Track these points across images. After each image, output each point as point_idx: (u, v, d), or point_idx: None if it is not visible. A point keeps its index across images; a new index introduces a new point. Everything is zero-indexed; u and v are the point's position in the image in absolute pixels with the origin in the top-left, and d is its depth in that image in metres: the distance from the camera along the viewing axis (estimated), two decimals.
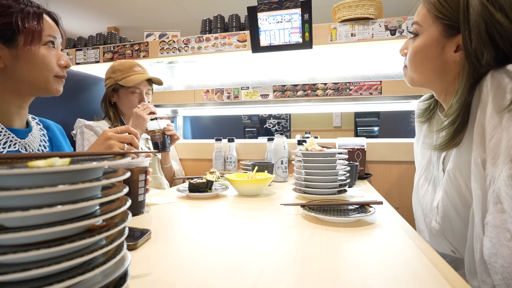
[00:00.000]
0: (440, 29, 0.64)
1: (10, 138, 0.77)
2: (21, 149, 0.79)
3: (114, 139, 0.83)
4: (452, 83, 0.66)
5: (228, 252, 0.49)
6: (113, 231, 0.30)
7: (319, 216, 0.66)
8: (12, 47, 0.72)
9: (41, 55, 0.76)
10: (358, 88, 1.54)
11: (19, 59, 0.73)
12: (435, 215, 0.70)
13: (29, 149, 0.81)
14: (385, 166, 1.47)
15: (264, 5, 1.48)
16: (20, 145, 0.79)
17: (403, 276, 0.41)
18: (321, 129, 4.13)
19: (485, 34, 0.56)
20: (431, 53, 0.66)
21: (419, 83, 0.73)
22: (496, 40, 0.56)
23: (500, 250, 0.49)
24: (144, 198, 0.77)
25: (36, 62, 0.75)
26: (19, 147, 0.79)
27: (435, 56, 0.66)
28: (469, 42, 0.58)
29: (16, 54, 0.73)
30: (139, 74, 1.33)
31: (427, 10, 0.65)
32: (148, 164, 0.78)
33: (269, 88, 1.69)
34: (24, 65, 0.74)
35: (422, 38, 0.67)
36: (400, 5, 3.24)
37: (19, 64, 0.74)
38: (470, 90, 0.59)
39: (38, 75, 0.77)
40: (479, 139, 0.55)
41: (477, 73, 0.58)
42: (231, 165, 1.57)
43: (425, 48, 0.67)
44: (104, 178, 0.32)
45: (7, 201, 0.26)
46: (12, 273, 0.24)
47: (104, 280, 0.30)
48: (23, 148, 0.80)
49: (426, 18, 0.66)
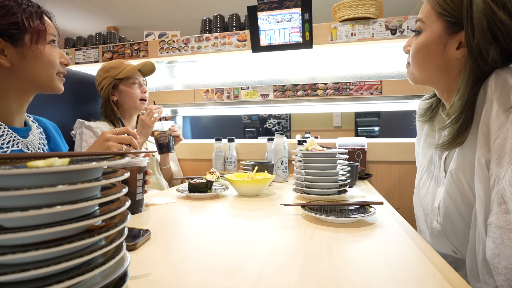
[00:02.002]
0: (443, 26, 0.64)
1: (12, 138, 0.78)
2: (23, 148, 0.80)
3: (113, 141, 0.83)
4: (455, 80, 0.66)
5: (228, 253, 0.49)
6: (113, 231, 0.30)
7: (319, 216, 0.66)
8: (18, 46, 0.73)
9: (46, 53, 0.77)
10: (358, 88, 1.54)
11: (26, 58, 0.75)
12: (437, 215, 0.70)
13: (31, 148, 0.82)
14: (385, 166, 1.46)
15: (264, 5, 1.48)
16: (23, 144, 0.80)
17: (403, 276, 0.40)
18: (321, 129, 4.13)
19: (488, 31, 0.56)
20: (433, 50, 0.66)
21: (421, 80, 0.72)
22: (498, 38, 0.56)
23: (503, 251, 0.49)
24: (142, 197, 0.78)
25: (42, 60, 0.77)
26: (21, 146, 0.79)
27: (438, 53, 0.66)
28: (472, 39, 0.58)
29: (23, 53, 0.74)
30: (132, 65, 1.34)
31: (431, 7, 0.66)
32: (146, 164, 0.78)
33: (269, 88, 1.69)
34: (30, 64, 0.76)
35: (425, 35, 0.67)
36: (400, 4, 3.23)
37: (25, 63, 0.75)
38: (473, 87, 0.59)
39: (43, 73, 0.78)
40: (483, 139, 0.55)
41: (481, 70, 0.58)
42: (231, 165, 1.56)
43: (427, 44, 0.67)
44: (103, 178, 0.31)
45: (6, 201, 0.26)
46: (11, 273, 0.23)
47: (103, 280, 0.30)
48: (26, 147, 0.80)
49: (430, 15, 0.66)
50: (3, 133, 0.76)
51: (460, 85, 0.61)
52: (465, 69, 0.60)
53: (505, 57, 0.57)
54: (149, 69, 1.40)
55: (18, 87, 0.78)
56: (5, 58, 0.73)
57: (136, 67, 1.33)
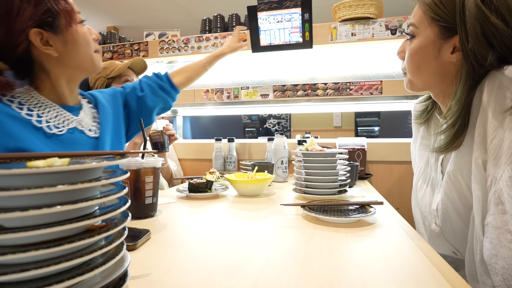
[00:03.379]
0: (436, 31, 0.63)
1: (67, 117, 0.79)
2: (77, 126, 0.81)
3: None
4: (450, 84, 0.65)
5: (228, 253, 0.49)
6: (113, 231, 0.30)
7: (319, 216, 0.66)
8: (58, 33, 0.73)
9: (81, 33, 0.78)
10: (358, 88, 1.54)
11: (67, 43, 0.75)
12: (435, 218, 0.69)
13: (84, 125, 0.83)
14: (385, 166, 1.46)
15: (264, 5, 1.48)
16: (77, 122, 0.81)
17: (403, 276, 0.40)
18: (321, 129, 4.13)
19: (482, 37, 0.56)
20: (427, 55, 0.65)
21: (418, 86, 0.72)
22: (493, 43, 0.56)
23: (500, 251, 0.49)
24: (154, 201, 0.74)
25: (81, 42, 0.77)
26: (75, 124, 0.80)
27: (432, 57, 0.65)
28: (466, 43, 0.58)
29: (64, 39, 0.74)
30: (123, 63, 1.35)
31: (423, 11, 0.65)
32: (160, 165, 0.75)
33: (269, 88, 1.69)
34: (72, 48, 0.76)
35: (418, 40, 0.67)
36: (400, 4, 3.23)
37: (68, 48, 0.75)
38: (470, 91, 0.58)
39: (84, 55, 0.79)
40: (480, 140, 0.54)
41: (477, 74, 0.58)
42: (231, 165, 1.56)
43: (421, 50, 0.66)
44: (103, 178, 0.31)
45: (6, 201, 0.26)
46: (11, 273, 0.23)
47: (103, 280, 0.30)
48: (79, 125, 0.81)
49: (422, 20, 0.65)
50: (58, 113, 0.77)
51: (456, 89, 0.60)
52: (462, 73, 0.59)
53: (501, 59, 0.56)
54: (141, 66, 1.39)
55: (66, 74, 0.79)
56: (52, 48, 0.73)
57: (126, 64, 1.33)
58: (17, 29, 0.68)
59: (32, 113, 0.73)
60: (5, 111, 0.70)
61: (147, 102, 1.03)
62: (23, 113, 0.72)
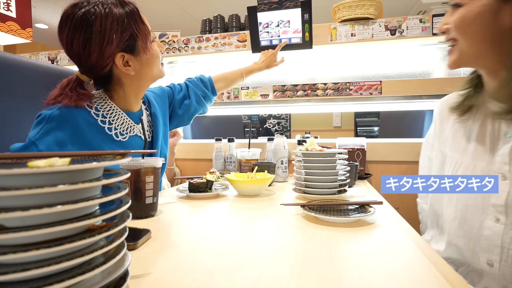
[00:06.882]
0: None
1: (130, 125, 0.88)
2: (137, 133, 0.90)
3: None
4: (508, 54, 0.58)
5: (228, 252, 0.49)
6: (113, 231, 0.30)
7: (319, 216, 0.66)
8: (136, 55, 0.82)
9: (154, 51, 0.86)
10: (358, 88, 1.54)
11: (143, 63, 0.84)
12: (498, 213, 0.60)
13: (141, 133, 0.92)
14: (385, 166, 1.47)
15: (264, 5, 1.48)
16: (137, 130, 0.90)
17: (403, 276, 0.41)
18: (321, 129, 4.13)
19: None
20: (481, 21, 0.59)
21: (468, 58, 0.64)
22: None
23: None
24: (155, 200, 0.74)
25: (153, 60, 0.86)
26: (136, 131, 0.90)
27: (487, 23, 0.58)
28: None
29: (141, 59, 0.83)
30: None
31: None
32: (160, 165, 0.75)
33: (269, 88, 1.69)
34: (146, 66, 0.85)
35: (471, 5, 0.59)
36: (400, 5, 3.24)
37: (143, 66, 0.84)
38: None
39: (155, 68, 0.88)
40: None
41: None
42: (231, 165, 1.57)
43: (475, 15, 0.59)
44: (104, 178, 0.32)
45: (7, 201, 0.26)
46: (12, 273, 0.24)
47: (104, 280, 0.30)
48: (139, 132, 0.91)
49: None
50: (124, 121, 0.86)
51: None
52: None
53: None
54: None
55: (138, 85, 0.87)
56: (130, 68, 0.82)
57: None
58: (107, 54, 0.77)
59: (105, 120, 0.83)
60: (85, 117, 0.79)
61: (191, 109, 1.15)
62: (99, 120, 0.82)
